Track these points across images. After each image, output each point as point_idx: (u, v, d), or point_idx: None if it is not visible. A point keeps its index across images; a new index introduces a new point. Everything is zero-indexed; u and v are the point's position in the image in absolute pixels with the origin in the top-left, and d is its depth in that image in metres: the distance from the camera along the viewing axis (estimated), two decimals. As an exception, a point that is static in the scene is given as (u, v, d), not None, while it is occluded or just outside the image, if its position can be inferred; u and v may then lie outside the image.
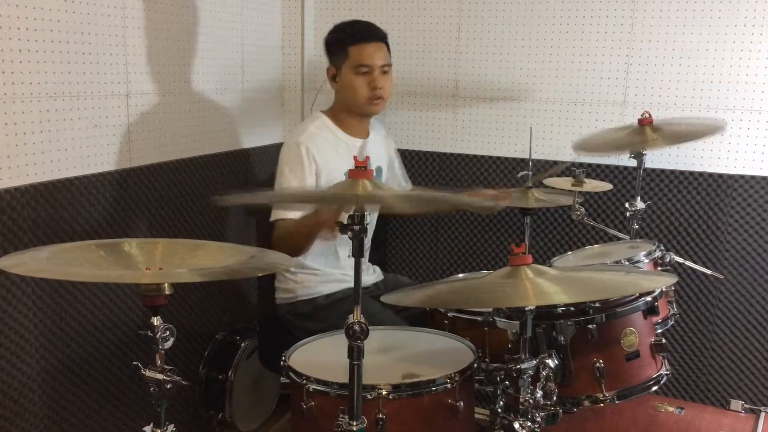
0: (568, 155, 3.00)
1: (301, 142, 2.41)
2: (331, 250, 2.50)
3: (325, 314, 2.43)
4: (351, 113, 2.53)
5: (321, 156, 2.42)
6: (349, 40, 2.45)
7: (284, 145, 2.48)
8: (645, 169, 2.70)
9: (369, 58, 2.43)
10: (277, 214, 2.34)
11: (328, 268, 2.50)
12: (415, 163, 3.24)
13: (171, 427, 1.54)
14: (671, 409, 2.32)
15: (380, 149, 2.69)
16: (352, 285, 2.47)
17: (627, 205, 2.65)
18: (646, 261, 2.29)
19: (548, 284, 1.68)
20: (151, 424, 1.53)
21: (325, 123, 2.52)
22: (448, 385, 1.74)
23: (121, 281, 1.63)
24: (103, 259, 1.58)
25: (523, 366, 1.72)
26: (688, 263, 2.59)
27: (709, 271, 2.63)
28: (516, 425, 1.72)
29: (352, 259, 2.51)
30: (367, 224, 1.53)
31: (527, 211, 2.75)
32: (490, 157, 3.12)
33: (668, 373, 2.03)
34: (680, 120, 2.74)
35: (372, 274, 2.68)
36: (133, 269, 1.58)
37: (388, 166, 2.75)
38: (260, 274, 1.61)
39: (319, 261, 2.49)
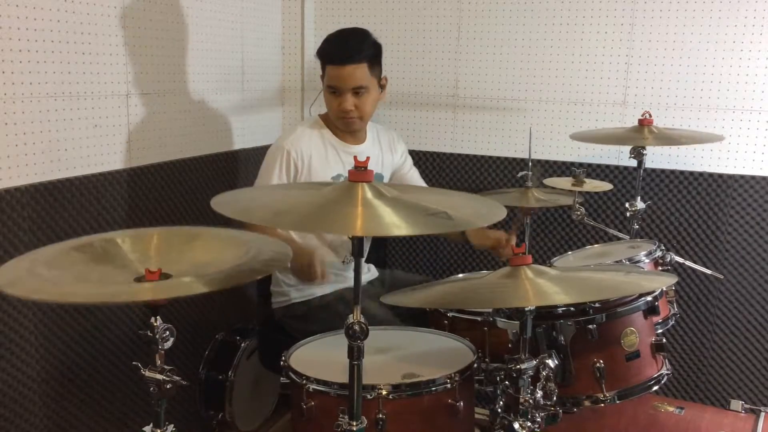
0: (568, 155, 3.00)
1: (284, 146, 2.42)
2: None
3: (319, 315, 2.43)
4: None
5: (305, 160, 2.42)
6: (326, 58, 2.44)
7: (271, 145, 2.50)
8: (645, 169, 2.70)
9: (337, 80, 2.40)
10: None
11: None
12: (416, 163, 3.23)
13: (171, 427, 1.53)
14: (671, 409, 2.32)
15: (379, 157, 2.63)
16: (345, 285, 2.50)
17: (627, 205, 2.65)
18: (647, 261, 2.29)
19: (548, 284, 1.69)
20: (151, 424, 1.53)
21: (317, 127, 2.52)
22: (448, 385, 1.74)
23: (117, 300, 1.60)
24: (99, 260, 1.55)
25: (523, 366, 1.72)
26: (688, 263, 2.59)
27: (709, 271, 2.63)
28: (516, 425, 1.72)
29: (347, 263, 2.54)
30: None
31: (527, 211, 2.75)
32: (490, 157, 3.12)
33: (668, 372, 2.03)
34: (680, 130, 2.75)
35: (367, 273, 2.68)
36: (130, 271, 1.54)
37: (393, 173, 2.73)
38: (260, 276, 1.60)
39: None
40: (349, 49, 2.41)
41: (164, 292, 1.47)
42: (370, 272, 2.71)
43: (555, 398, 1.75)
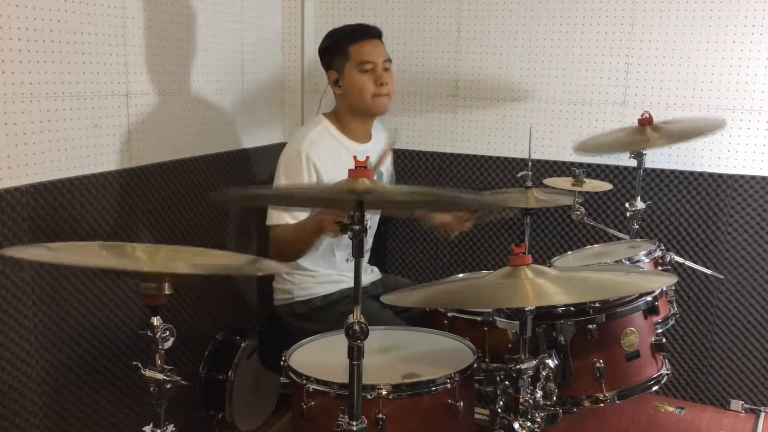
0: (568, 155, 3.00)
1: (302, 149, 2.39)
2: (328, 251, 2.50)
3: (322, 315, 2.43)
4: (356, 116, 2.51)
5: (322, 163, 2.40)
6: (348, 40, 2.44)
7: (284, 151, 2.46)
8: (645, 169, 2.70)
9: (371, 54, 2.43)
10: (273, 219, 2.33)
11: (325, 269, 2.50)
12: (415, 163, 3.24)
13: (171, 427, 1.54)
14: (671, 409, 2.32)
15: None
16: (349, 285, 2.50)
17: (627, 205, 2.65)
18: (646, 261, 2.29)
19: (548, 284, 1.68)
20: (151, 424, 1.53)
21: (327, 128, 2.50)
22: (448, 385, 1.74)
23: (121, 268, 1.62)
24: (106, 254, 1.58)
25: (523, 366, 1.72)
26: (688, 263, 2.59)
27: (709, 271, 2.63)
28: (516, 425, 1.72)
29: (351, 261, 2.54)
30: (367, 225, 1.53)
31: (527, 211, 2.75)
32: (490, 157, 3.12)
33: (668, 373, 2.03)
34: (680, 120, 2.75)
35: (370, 274, 2.68)
36: (135, 265, 1.57)
37: (387, 169, 2.75)
38: (260, 273, 1.62)
39: (316, 262, 2.49)
40: (369, 26, 2.50)
41: (165, 267, 1.50)
42: (373, 273, 2.71)
43: (555, 398, 1.75)
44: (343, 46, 2.45)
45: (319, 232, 2.15)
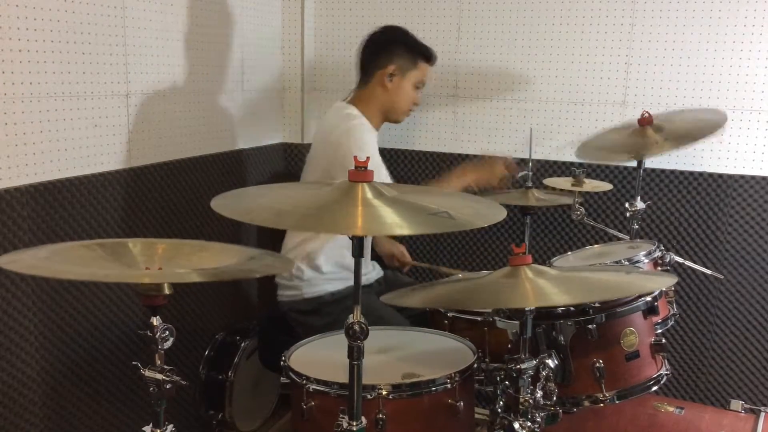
0: (568, 155, 3.00)
1: (362, 121, 2.49)
2: (338, 249, 2.50)
3: (330, 310, 2.45)
4: (380, 112, 2.59)
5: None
6: (422, 56, 2.58)
7: (345, 127, 2.47)
8: (645, 169, 2.70)
9: (426, 79, 2.62)
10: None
11: (335, 268, 2.51)
12: (415, 162, 3.24)
13: (171, 427, 1.54)
14: (671, 409, 2.32)
15: None
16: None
17: (627, 205, 2.65)
18: (646, 261, 2.29)
19: (548, 285, 1.68)
20: (151, 424, 1.53)
21: (359, 113, 2.55)
22: (448, 385, 1.74)
23: (119, 281, 1.62)
24: (103, 258, 1.57)
25: (523, 366, 1.72)
26: (688, 263, 2.59)
27: (709, 271, 2.63)
28: (516, 425, 1.72)
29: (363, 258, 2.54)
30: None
31: (527, 211, 2.75)
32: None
33: (668, 373, 2.03)
34: (681, 115, 2.74)
35: (372, 271, 2.69)
36: (133, 269, 1.57)
37: None
38: (258, 276, 1.61)
39: (328, 262, 2.49)
40: None
41: (159, 278, 1.49)
42: (375, 270, 2.71)
43: (555, 398, 1.75)
44: (416, 56, 2.57)
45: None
